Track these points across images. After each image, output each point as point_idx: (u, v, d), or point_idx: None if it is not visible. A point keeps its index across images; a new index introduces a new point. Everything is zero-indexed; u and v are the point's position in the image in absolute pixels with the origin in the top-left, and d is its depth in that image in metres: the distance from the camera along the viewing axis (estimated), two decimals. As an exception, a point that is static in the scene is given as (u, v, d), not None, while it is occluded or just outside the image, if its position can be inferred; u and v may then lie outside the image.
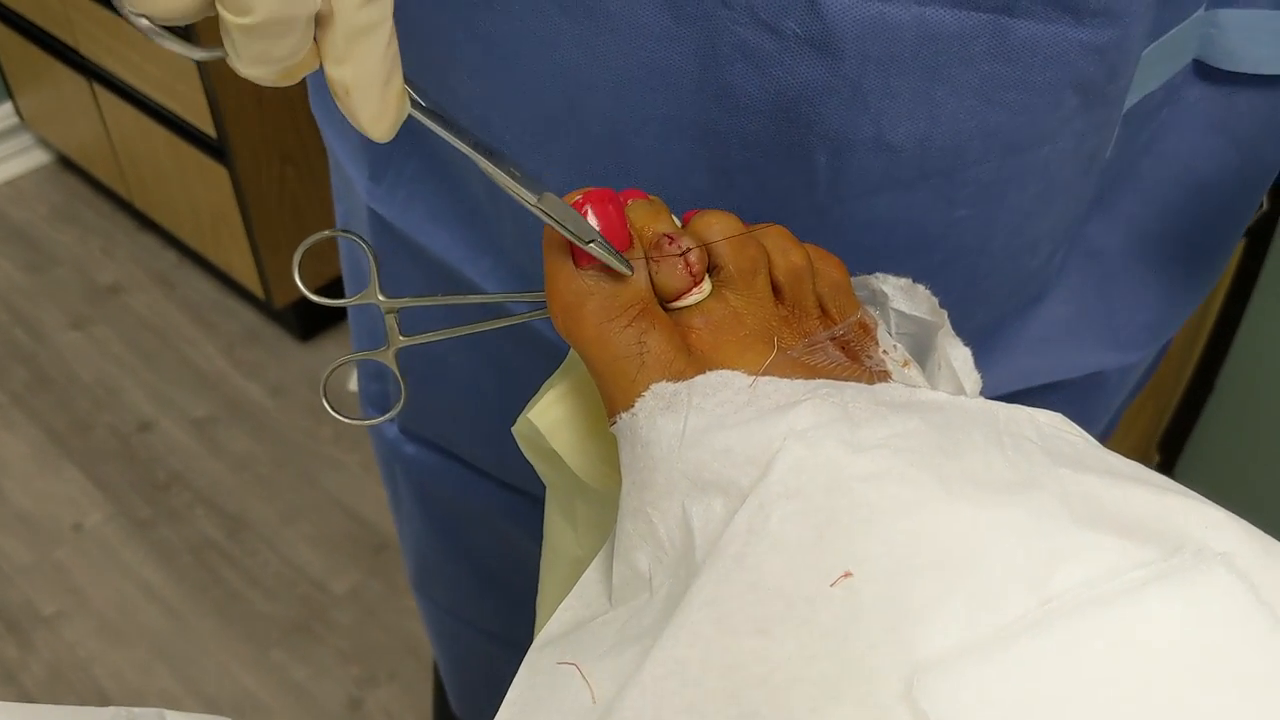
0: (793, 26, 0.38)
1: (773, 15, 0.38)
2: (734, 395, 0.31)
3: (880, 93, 0.39)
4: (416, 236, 0.55)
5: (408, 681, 1.45)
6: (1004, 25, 0.38)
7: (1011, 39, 0.38)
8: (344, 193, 0.63)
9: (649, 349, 0.32)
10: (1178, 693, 0.23)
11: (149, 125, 1.76)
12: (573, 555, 0.41)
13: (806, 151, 0.40)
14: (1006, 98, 0.40)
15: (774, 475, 0.29)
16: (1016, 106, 0.40)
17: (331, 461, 1.71)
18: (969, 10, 0.37)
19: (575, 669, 0.30)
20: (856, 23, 0.37)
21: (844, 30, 0.37)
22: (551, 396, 0.37)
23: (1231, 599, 0.24)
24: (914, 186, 0.42)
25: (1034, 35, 0.38)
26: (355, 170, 0.57)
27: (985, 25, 0.38)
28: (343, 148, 0.58)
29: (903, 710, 0.24)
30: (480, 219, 0.53)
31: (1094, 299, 0.56)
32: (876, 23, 0.37)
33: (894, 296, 0.39)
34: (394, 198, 0.56)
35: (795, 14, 0.37)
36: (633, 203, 0.35)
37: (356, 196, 0.58)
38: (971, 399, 0.32)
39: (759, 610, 0.27)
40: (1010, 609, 0.25)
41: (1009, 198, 0.44)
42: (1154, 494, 0.27)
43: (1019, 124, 0.41)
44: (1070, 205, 0.48)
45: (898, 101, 0.39)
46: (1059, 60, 0.39)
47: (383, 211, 0.56)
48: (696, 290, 0.34)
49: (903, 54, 0.38)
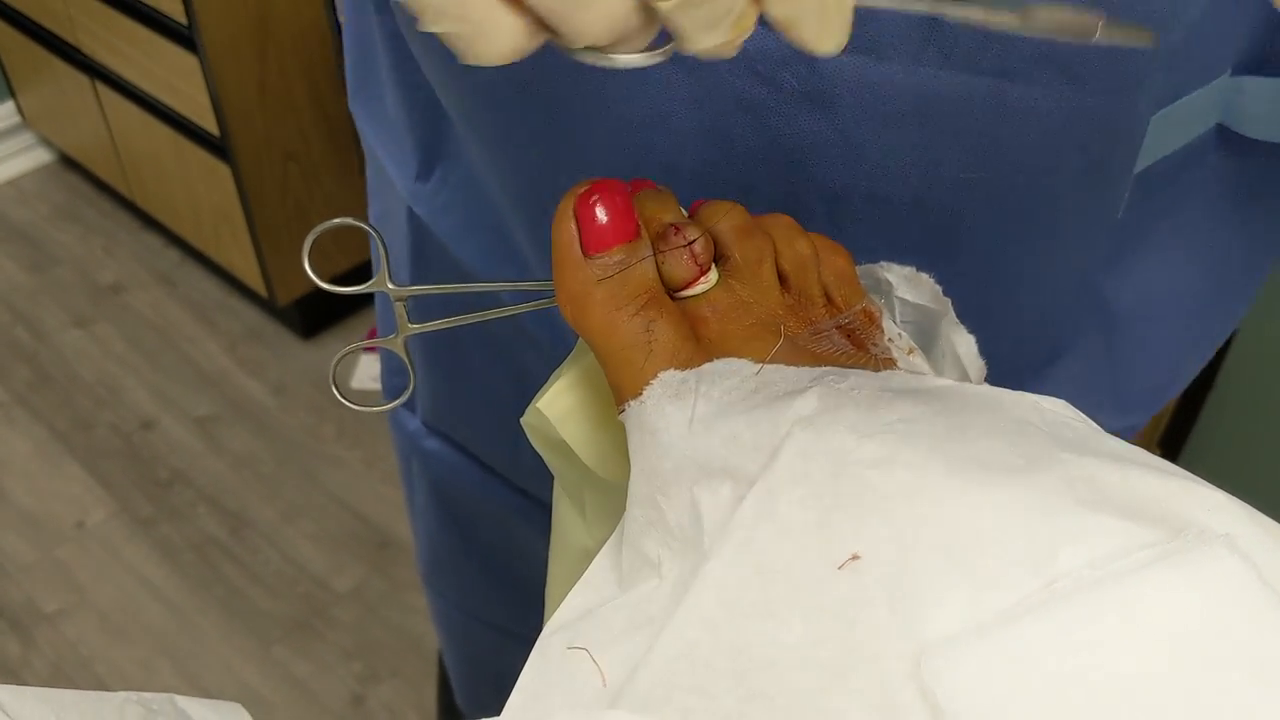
0: (790, 81, 0.38)
1: (771, 69, 0.38)
2: (741, 383, 0.31)
3: (876, 148, 0.39)
4: (448, 242, 0.56)
5: (410, 678, 1.46)
6: (1002, 89, 0.38)
7: (1009, 102, 0.38)
8: (380, 192, 0.63)
9: (657, 337, 0.32)
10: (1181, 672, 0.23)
11: (151, 124, 1.76)
12: (581, 544, 0.41)
13: (803, 201, 0.41)
14: (1004, 159, 0.40)
15: (781, 461, 0.29)
16: (1014, 168, 0.40)
17: (333, 459, 1.71)
18: (967, 74, 0.37)
19: (586, 654, 0.30)
20: (854, 80, 0.37)
21: (841, 86, 0.38)
22: (560, 386, 0.37)
23: (1234, 580, 0.24)
24: (910, 241, 0.41)
25: (1031, 99, 0.38)
26: (398, 171, 0.57)
27: (983, 88, 0.38)
28: (386, 148, 0.58)
29: (910, 691, 0.24)
30: (504, 231, 0.53)
31: (1102, 359, 0.55)
32: (874, 81, 0.37)
33: (898, 285, 0.39)
34: (435, 201, 0.56)
35: (793, 68, 0.38)
36: (641, 193, 0.35)
37: (397, 197, 0.58)
38: (976, 385, 0.32)
39: (767, 593, 0.27)
40: (1015, 590, 0.25)
41: (1011, 255, 0.44)
42: (1157, 477, 0.27)
43: (1016, 185, 0.41)
44: (1079, 267, 0.48)
45: (894, 157, 0.39)
46: (1057, 124, 0.39)
47: (422, 213, 0.56)
48: (703, 280, 0.34)
49: (900, 112, 0.38)
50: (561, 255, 0.34)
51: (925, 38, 0.37)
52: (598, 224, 0.33)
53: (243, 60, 1.58)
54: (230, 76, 1.58)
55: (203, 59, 1.55)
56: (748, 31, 0.28)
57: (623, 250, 0.33)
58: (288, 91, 1.65)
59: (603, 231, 0.33)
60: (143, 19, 1.61)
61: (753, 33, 0.37)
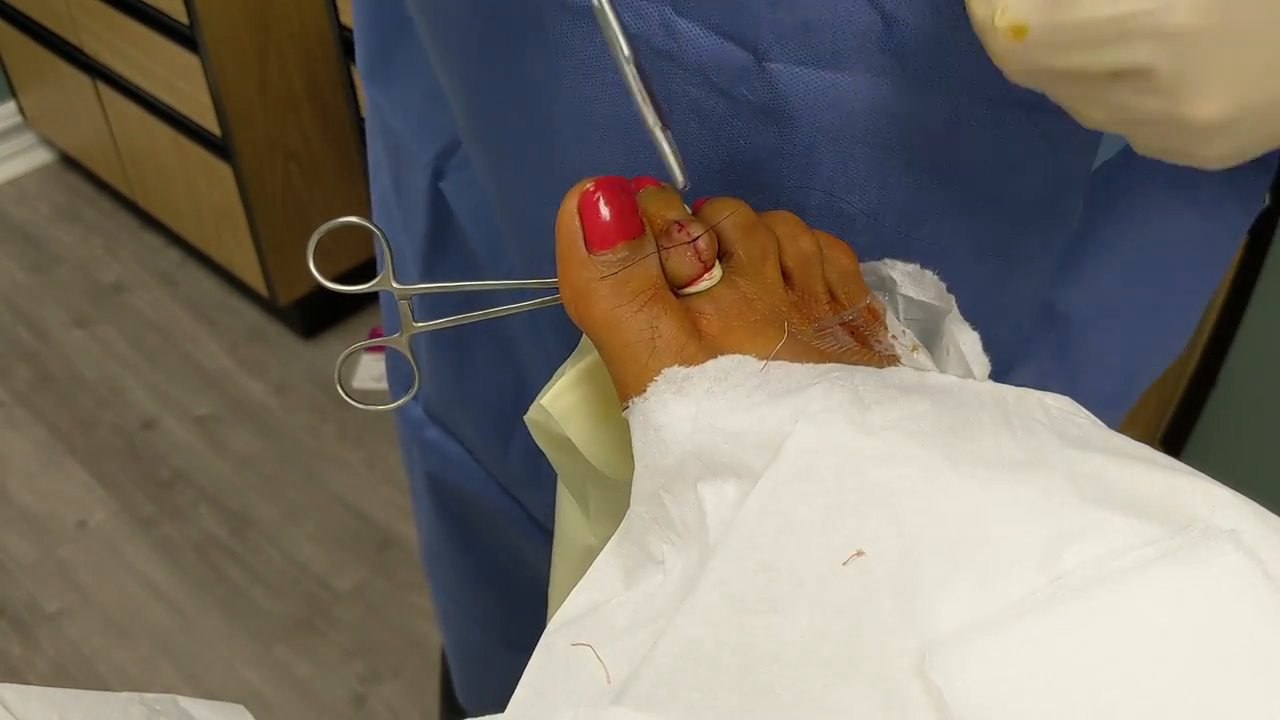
0: (744, 92, 0.38)
1: (725, 80, 0.38)
2: (745, 379, 0.31)
3: (832, 162, 0.39)
4: (467, 222, 0.56)
5: (412, 678, 1.46)
6: (959, 103, 0.38)
7: (966, 117, 0.38)
8: (387, 169, 0.62)
9: (660, 334, 0.32)
10: (1186, 667, 0.23)
11: (152, 123, 1.77)
12: (585, 542, 0.41)
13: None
14: (960, 172, 0.40)
15: (785, 457, 0.29)
16: (970, 181, 0.40)
17: (335, 459, 1.71)
18: (925, 88, 0.37)
19: (590, 650, 0.30)
20: (807, 92, 0.37)
21: (795, 99, 0.37)
22: (564, 383, 0.37)
23: (1239, 575, 0.24)
24: (867, 253, 0.41)
25: (988, 119, 0.38)
26: (423, 146, 0.57)
27: (941, 102, 0.37)
28: (409, 124, 0.58)
29: (915, 686, 0.24)
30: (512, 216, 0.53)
31: (1055, 365, 0.54)
32: (827, 93, 0.37)
33: (902, 282, 0.39)
34: (460, 177, 0.56)
35: (747, 80, 0.38)
36: (644, 190, 0.35)
37: (417, 172, 0.58)
38: (980, 382, 0.32)
39: (771, 590, 0.27)
40: (1020, 586, 0.25)
41: (967, 268, 0.44)
42: (1161, 473, 0.27)
43: (973, 197, 0.41)
44: (1035, 277, 0.48)
45: (849, 171, 0.39)
46: (1014, 137, 0.39)
47: (446, 189, 0.56)
48: (707, 276, 0.34)
49: (854, 124, 0.38)
50: (566, 252, 0.34)
51: (881, 49, 0.36)
52: (601, 221, 0.33)
53: (244, 60, 1.58)
54: (231, 76, 1.58)
55: (204, 58, 1.55)
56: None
57: (627, 247, 0.33)
58: (289, 91, 1.66)
59: (606, 228, 0.33)
60: (144, 18, 1.61)
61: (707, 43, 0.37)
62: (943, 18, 0.35)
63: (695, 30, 0.37)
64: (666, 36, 0.37)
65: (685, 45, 0.37)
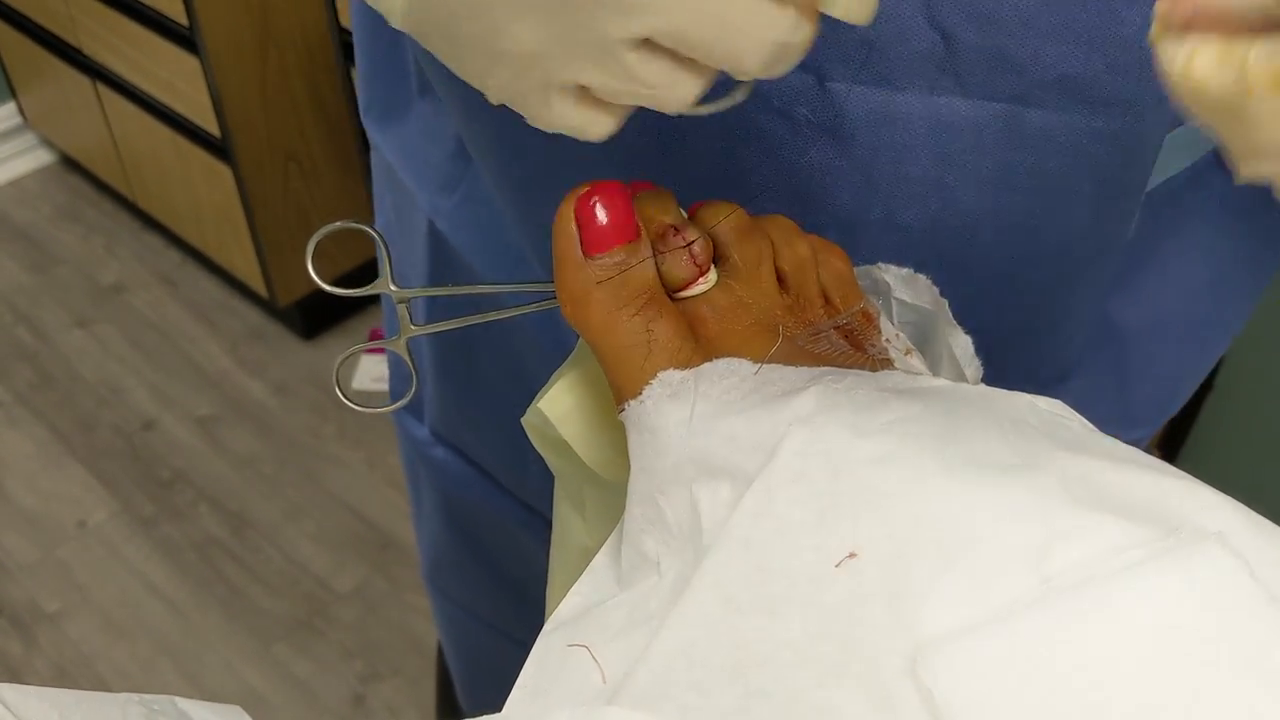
0: (805, 113, 0.38)
1: (785, 101, 0.38)
2: (740, 382, 0.32)
3: (891, 178, 0.39)
4: (469, 256, 0.56)
5: (411, 677, 1.46)
6: (1017, 114, 0.38)
7: (1025, 128, 0.38)
8: (394, 202, 0.63)
9: (656, 337, 0.33)
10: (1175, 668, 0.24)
11: (152, 125, 1.77)
12: (581, 544, 0.41)
13: (818, 230, 0.41)
14: (1019, 184, 0.40)
15: (779, 460, 0.29)
16: (1029, 192, 0.40)
17: (335, 460, 1.72)
18: (982, 100, 0.37)
19: (586, 651, 0.30)
20: (867, 111, 0.37)
21: (855, 118, 0.38)
22: (561, 386, 0.38)
23: (1227, 576, 0.24)
24: (925, 265, 0.42)
25: (1047, 124, 0.38)
26: (420, 185, 0.57)
27: (998, 114, 0.38)
28: (406, 163, 0.58)
29: (907, 687, 0.25)
30: (514, 249, 0.54)
31: (1108, 375, 0.55)
32: (887, 111, 0.37)
33: (896, 286, 0.39)
34: (457, 216, 0.56)
35: (807, 100, 0.38)
36: (640, 194, 0.36)
37: (415, 210, 0.59)
38: (972, 385, 0.33)
39: (765, 591, 0.28)
40: (1010, 588, 0.25)
41: (1025, 278, 0.44)
42: (1151, 476, 0.28)
43: (1032, 209, 0.41)
44: (1090, 288, 0.48)
45: (908, 186, 0.39)
46: (1073, 148, 0.39)
47: (444, 227, 0.57)
48: (702, 280, 0.34)
49: (914, 141, 0.38)
50: (562, 256, 0.34)
51: (940, 67, 0.37)
52: (598, 225, 0.33)
53: (244, 61, 1.59)
54: (231, 77, 1.58)
55: (204, 60, 1.55)
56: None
57: (623, 251, 0.33)
58: (289, 92, 1.66)
59: (603, 232, 0.33)
60: (144, 20, 1.61)
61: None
62: (1000, 32, 0.36)
63: None
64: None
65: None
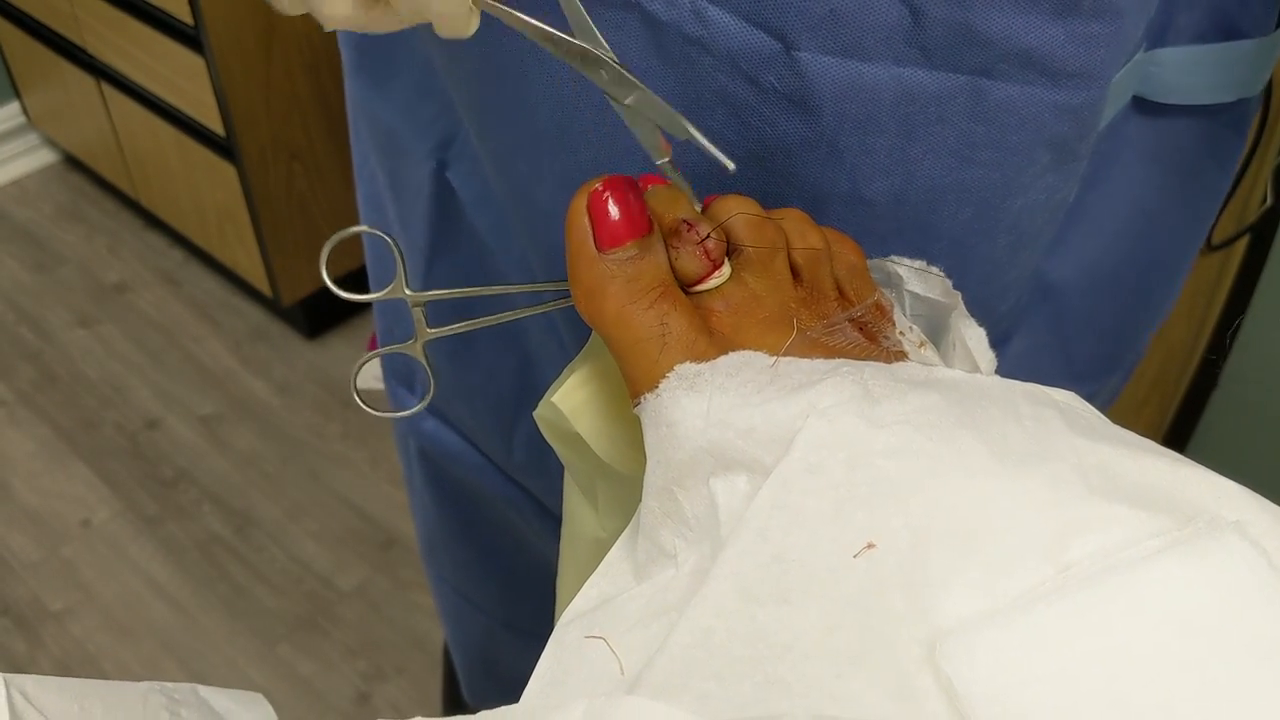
0: (772, 80, 0.38)
1: (753, 67, 0.38)
2: (756, 375, 0.32)
3: (857, 150, 0.40)
4: (469, 210, 0.56)
5: (415, 676, 1.46)
6: (981, 87, 0.38)
7: (988, 100, 0.39)
8: (379, 165, 0.63)
9: (671, 330, 0.33)
10: (1193, 657, 0.24)
11: (156, 123, 1.77)
12: (594, 536, 0.42)
13: (783, 201, 0.41)
14: (981, 156, 0.40)
15: (796, 452, 0.29)
16: (991, 164, 0.41)
17: (338, 458, 1.72)
18: (947, 72, 0.38)
19: (603, 642, 0.30)
20: (834, 81, 0.38)
21: (822, 88, 0.38)
22: (575, 380, 0.38)
23: (1245, 565, 0.25)
24: (888, 239, 0.42)
25: (1010, 97, 0.39)
26: (420, 140, 0.57)
27: (963, 86, 0.38)
28: (403, 116, 0.58)
29: (925, 676, 0.25)
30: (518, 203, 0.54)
31: (1049, 333, 0.56)
32: (854, 82, 0.38)
33: (909, 279, 0.39)
34: (460, 166, 0.56)
35: (775, 69, 0.38)
36: (652, 188, 0.36)
37: (414, 165, 0.59)
38: (987, 376, 0.33)
39: (783, 581, 0.28)
40: (1028, 577, 0.26)
41: (980, 249, 0.45)
42: (1168, 465, 0.28)
43: (992, 180, 0.41)
44: (1036, 252, 0.49)
45: (874, 158, 0.40)
46: (1034, 120, 0.40)
47: (453, 179, 0.57)
48: (716, 274, 0.35)
49: (880, 113, 0.39)
50: (576, 251, 0.34)
51: (907, 39, 0.37)
52: (610, 220, 0.33)
53: (248, 60, 1.59)
54: (236, 76, 1.58)
55: (208, 59, 1.55)
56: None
57: (636, 245, 0.34)
58: (293, 91, 1.66)
59: (616, 227, 0.33)
60: (148, 19, 1.62)
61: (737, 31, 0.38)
62: (967, 7, 0.36)
63: (726, 18, 0.38)
64: (697, 23, 0.38)
65: (715, 32, 0.38)
